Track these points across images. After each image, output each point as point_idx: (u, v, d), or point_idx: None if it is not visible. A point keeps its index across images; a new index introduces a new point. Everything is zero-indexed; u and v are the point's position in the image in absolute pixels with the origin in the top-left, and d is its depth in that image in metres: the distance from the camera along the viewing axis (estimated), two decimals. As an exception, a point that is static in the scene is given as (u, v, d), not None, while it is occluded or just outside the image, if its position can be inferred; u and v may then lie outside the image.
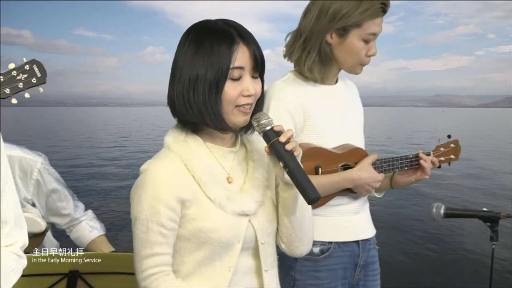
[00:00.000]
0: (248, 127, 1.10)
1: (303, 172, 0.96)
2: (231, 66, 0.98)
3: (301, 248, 1.14)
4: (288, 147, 0.97)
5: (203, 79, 0.98)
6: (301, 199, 1.04)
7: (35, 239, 1.67)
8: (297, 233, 1.11)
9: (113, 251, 1.75)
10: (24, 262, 0.92)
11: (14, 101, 0.93)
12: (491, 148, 17.23)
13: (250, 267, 1.07)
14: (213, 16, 1.09)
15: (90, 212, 1.89)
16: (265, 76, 1.09)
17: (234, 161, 1.10)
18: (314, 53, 1.47)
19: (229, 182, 1.07)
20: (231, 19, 1.06)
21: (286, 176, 1.01)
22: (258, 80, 1.05)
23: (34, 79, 0.96)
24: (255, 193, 1.07)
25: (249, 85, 1.01)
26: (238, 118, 1.03)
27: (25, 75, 0.95)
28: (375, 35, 1.46)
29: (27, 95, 0.97)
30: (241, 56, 0.99)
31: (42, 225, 1.68)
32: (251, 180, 1.08)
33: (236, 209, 1.03)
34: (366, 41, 1.45)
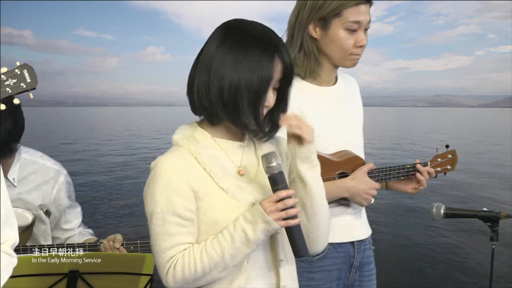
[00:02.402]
0: (259, 136, 1.11)
1: (298, 228, 1.01)
2: (273, 77, 1.01)
3: (319, 245, 1.14)
4: (284, 223, 0.99)
5: (248, 85, 0.99)
6: (316, 196, 1.08)
7: (25, 232, 1.68)
8: (314, 228, 1.11)
9: (98, 240, 1.75)
10: (14, 261, 0.91)
11: (2, 106, 0.90)
12: (491, 148, 17.23)
13: (268, 261, 1.08)
14: (213, 16, 1.11)
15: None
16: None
17: (244, 155, 1.11)
18: (296, 47, 1.47)
19: (240, 175, 1.07)
20: (230, 19, 1.06)
21: (302, 172, 1.06)
22: (275, 91, 1.07)
23: (23, 84, 0.93)
24: (267, 185, 1.06)
25: (271, 98, 1.04)
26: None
27: (14, 80, 0.92)
28: (358, 23, 1.42)
29: (16, 100, 0.94)
30: (276, 71, 1.02)
31: (28, 218, 1.69)
32: (263, 172, 1.08)
33: (249, 198, 1.04)
34: (351, 31, 1.43)
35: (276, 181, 1.01)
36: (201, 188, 1.02)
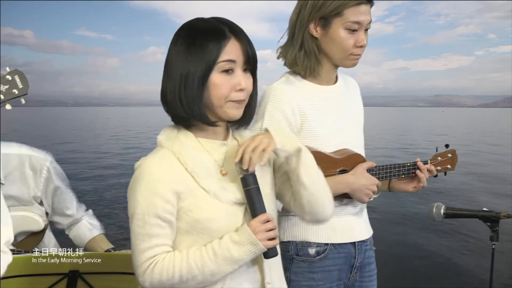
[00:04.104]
0: (239, 123, 1.12)
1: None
2: (220, 59, 1.01)
3: (326, 212, 1.15)
4: (268, 244, 1.01)
5: (194, 74, 1.01)
6: (308, 162, 1.09)
7: (35, 237, 1.67)
8: (318, 196, 1.12)
9: (112, 248, 1.75)
10: (8, 259, 0.91)
11: None
12: (491, 148, 17.22)
13: (252, 259, 1.07)
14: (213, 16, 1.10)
15: (90, 211, 1.90)
16: (266, 77, 1.11)
17: (227, 154, 1.11)
18: (297, 45, 1.48)
19: (222, 175, 1.08)
20: (230, 19, 1.08)
21: (286, 148, 1.06)
22: (249, 76, 1.08)
23: (15, 90, 0.93)
24: None
25: (241, 79, 1.04)
26: (231, 111, 1.06)
27: (6, 86, 0.92)
28: (359, 23, 1.42)
29: (8, 106, 0.94)
30: (232, 50, 1.03)
31: (41, 224, 1.68)
32: None
33: (231, 198, 1.05)
34: (351, 30, 1.43)
35: (248, 182, 1.04)
36: (184, 189, 1.02)
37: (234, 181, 1.08)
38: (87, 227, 1.83)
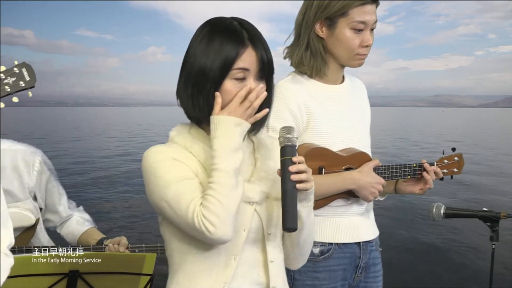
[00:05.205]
0: (252, 127, 1.10)
1: (295, 201, 1.00)
2: (235, 66, 1.01)
3: (297, 265, 1.19)
4: (293, 177, 0.99)
5: (208, 74, 1.01)
6: (306, 229, 1.09)
7: (27, 233, 1.68)
8: (296, 254, 1.15)
9: (104, 238, 1.74)
10: (11, 261, 0.91)
11: (1, 105, 0.91)
12: (491, 148, 17.22)
13: (258, 260, 1.07)
14: (214, 16, 1.10)
15: (80, 207, 1.91)
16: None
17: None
18: (303, 46, 1.48)
19: None
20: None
21: (300, 210, 1.04)
22: (263, 83, 1.06)
23: (22, 82, 0.94)
24: (262, 185, 1.07)
25: (252, 85, 1.03)
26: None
27: (13, 79, 0.93)
28: (364, 23, 1.43)
29: (15, 99, 0.94)
30: (248, 59, 1.02)
31: (32, 218, 1.69)
32: (259, 172, 1.09)
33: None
34: (357, 30, 1.44)
35: (286, 152, 1.01)
36: (197, 174, 1.02)
37: (246, 181, 1.07)
38: (78, 221, 1.84)
